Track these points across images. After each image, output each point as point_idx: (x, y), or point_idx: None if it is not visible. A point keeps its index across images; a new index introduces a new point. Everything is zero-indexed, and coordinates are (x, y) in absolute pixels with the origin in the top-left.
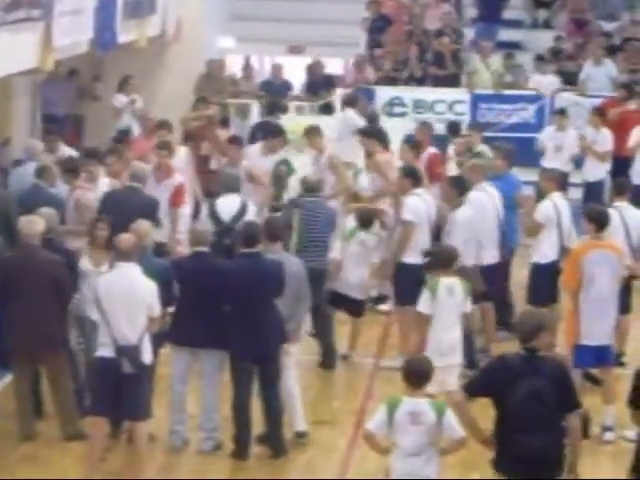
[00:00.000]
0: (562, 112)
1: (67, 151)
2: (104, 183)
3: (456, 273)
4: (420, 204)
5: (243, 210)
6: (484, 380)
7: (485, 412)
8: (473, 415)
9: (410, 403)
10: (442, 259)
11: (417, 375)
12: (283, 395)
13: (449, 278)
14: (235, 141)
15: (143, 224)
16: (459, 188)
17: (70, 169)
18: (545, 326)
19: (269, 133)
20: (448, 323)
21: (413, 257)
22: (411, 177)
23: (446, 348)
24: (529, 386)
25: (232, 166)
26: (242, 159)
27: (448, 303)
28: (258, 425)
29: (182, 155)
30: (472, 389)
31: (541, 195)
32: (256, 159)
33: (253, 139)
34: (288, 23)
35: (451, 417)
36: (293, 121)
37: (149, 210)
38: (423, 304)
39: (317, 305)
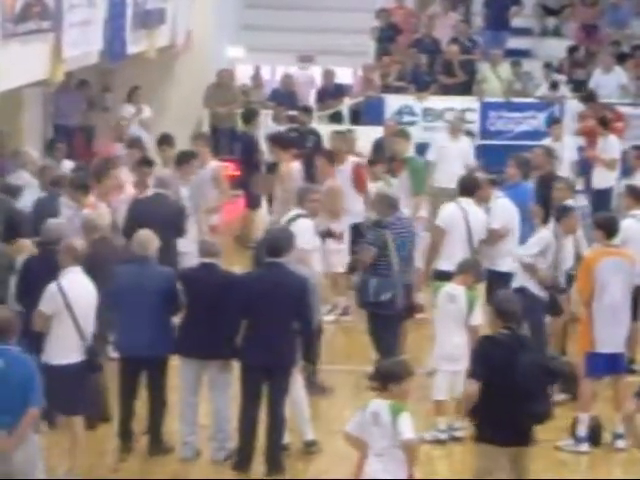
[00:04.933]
0: (556, 121)
1: (68, 165)
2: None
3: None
4: (456, 212)
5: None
6: (484, 362)
7: None
8: None
9: (375, 404)
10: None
11: (380, 376)
12: (291, 405)
13: (454, 286)
14: (145, 163)
15: (146, 232)
16: None
17: (81, 186)
18: None
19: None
20: (450, 329)
21: (447, 264)
22: (462, 185)
23: (450, 354)
24: (526, 359)
25: (140, 191)
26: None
27: (448, 309)
28: None
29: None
30: (476, 374)
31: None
32: None
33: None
34: (297, 33)
35: (403, 419)
36: None
37: (175, 217)
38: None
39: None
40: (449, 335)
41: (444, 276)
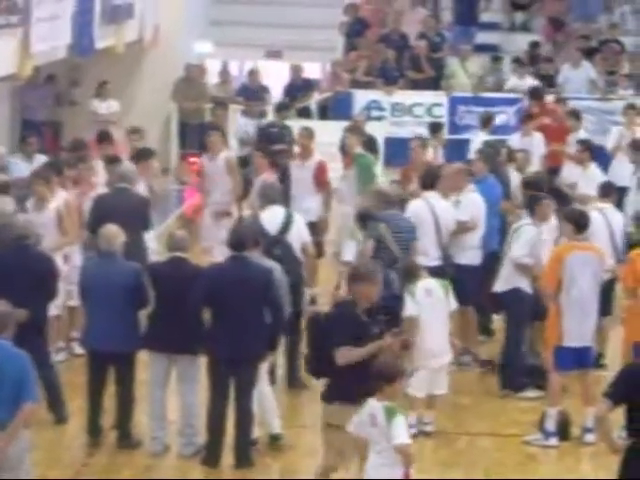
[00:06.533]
0: (527, 117)
1: (42, 159)
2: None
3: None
4: (422, 207)
5: (288, 220)
6: None
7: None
8: None
9: (370, 406)
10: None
11: (374, 377)
12: (258, 399)
13: (427, 280)
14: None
15: (112, 227)
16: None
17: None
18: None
19: None
20: (433, 324)
21: (419, 260)
22: (423, 179)
23: (436, 349)
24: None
25: None
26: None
27: (428, 304)
28: None
29: None
30: None
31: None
32: None
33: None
34: (266, 28)
35: (397, 423)
36: None
37: (140, 211)
38: (411, 308)
39: None
40: (430, 331)
41: None
